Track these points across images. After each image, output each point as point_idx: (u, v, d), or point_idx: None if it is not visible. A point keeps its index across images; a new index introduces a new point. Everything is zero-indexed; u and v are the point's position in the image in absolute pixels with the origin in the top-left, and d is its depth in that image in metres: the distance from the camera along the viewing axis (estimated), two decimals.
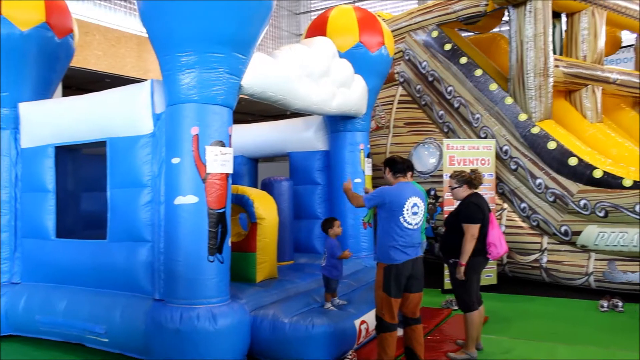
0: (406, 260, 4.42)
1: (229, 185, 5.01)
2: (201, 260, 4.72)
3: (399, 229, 4.41)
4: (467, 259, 4.96)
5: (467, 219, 5.03)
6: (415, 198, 4.51)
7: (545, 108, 8.45)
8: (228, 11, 4.67)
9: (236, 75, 5.00)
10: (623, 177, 7.32)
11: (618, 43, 11.43)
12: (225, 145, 4.92)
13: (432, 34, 9.73)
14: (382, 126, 10.26)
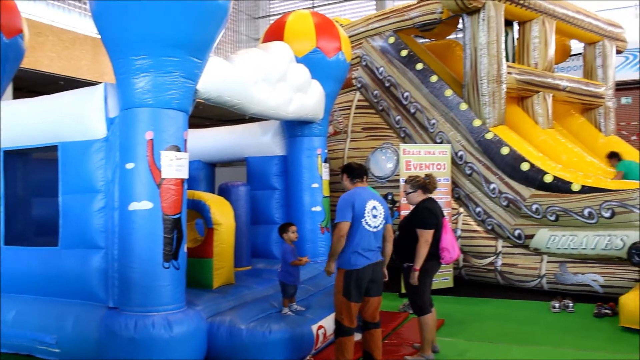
0: (367, 265, 4.45)
1: (185, 191, 4.95)
2: (156, 267, 4.65)
3: (361, 233, 4.43)
4: (421, 264, 5.00)
5: (421, 224, 5.08)
6: (374, 201, 4.57)
7: (498, 114, 8.63)
8: (183, 14, 4.61)
9: (192, 80, 4.95)
10: (572, 182, 7.53)
11: (567, 51, 11.77)
12: (181, 150, 4.87)
13: (389, 40, 9.84)
14: (340, 131, 10.31)
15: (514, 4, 8.87)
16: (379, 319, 4.70)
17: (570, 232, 7.47)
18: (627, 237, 6.93)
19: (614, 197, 7.13)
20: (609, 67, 11.13)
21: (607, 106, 11.09)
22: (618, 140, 10.99)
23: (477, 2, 8.35)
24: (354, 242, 4.43)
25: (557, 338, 5.91)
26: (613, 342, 5.75)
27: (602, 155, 10.21)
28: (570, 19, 10.04)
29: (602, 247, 7.17)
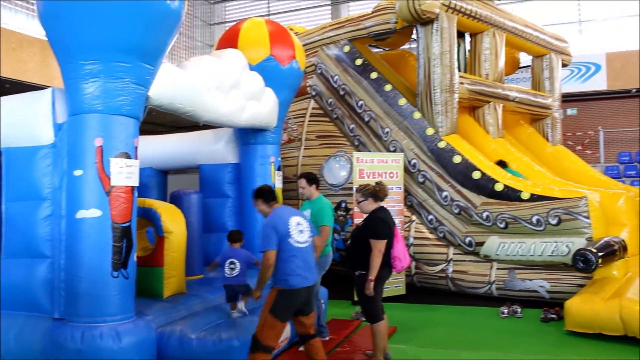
0: (303, 287, 4.41)
1: (135, 198, 4.87)
2: (105, 276, 4.55)
3: (293, 253, 4.40)
4: (375, 274, 5.02)
5: (375, 234, 5.10)
6: (296, 217, 4.57)
7: (451, 123, 8.77)
8: (134, 18, 4.54)
9: (143, 86, 4.87)
10: (521, 190, 7.71)
11: (517, 63, 12.07)
12: (131, 157, 4.78)
13: (344, 48, 9.90)
14: (294, 139, 10.30)
15: (466, 16, 9.04)
16: (315, 330, 4.72)
17: (519, 239, 7.63)
18: (573, 243, 7.12)
19: (560, 205, 7.33)
20: (556, 79, 11.47)
21: (554, 117, 11.42)
22: (564, 150, 11.32)
23: (430, 13, 8.49)
24: (290, 263, 4.39)
25: (506, 343, 6.04)
26: (558, 345, 5.92)
27: (550, 164, 10.52)
28: (519, 32, 10.31)
29: (548, 253, 7.35)
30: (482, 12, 9.33)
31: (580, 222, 7.17)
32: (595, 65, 17.37)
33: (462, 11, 8.92)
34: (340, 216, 9.04)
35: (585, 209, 7.19)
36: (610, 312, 5.84)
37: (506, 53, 10.26)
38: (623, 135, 17.74)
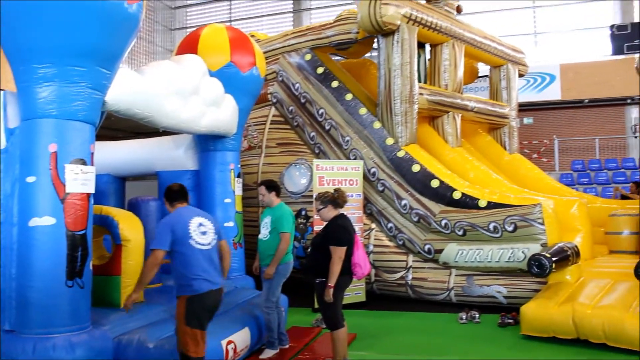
0: (211, 290, 4.29)
1: (91, 206, 4.76)
2: (58, 286, 4.43)
3: (194, 255, 4.27)
4: (335, 281, 5.02)
5: (336, 241, 5.11)
6: (199, 218, 4.44)
7: (410, 133, 8.87)
8: (91, 22, 4.45)
9: (99, 91, 4.79)
10: (479, 198, 7.84)
11: (475, 73, 12.30)
12: (87, 164, 4.69)
13: (306, 57, 9.93)
14: (255, 146, 10.27)
15: (426, 27, 9.18)
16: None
17: (476, 246, 7.74)
18: (528, 249, 7.26)
19: (516, 212, 7.47)
20: (512, 89, 11.73)
21: (511, 126, 11.67)
22: (521, 158, 11.57)
23: (391, 24, 8.59)
24: (193, 266, 4.26)
25: (464, 348, 6.12)
26: (515, 349, 6.03)
27: (507, 172, 10.72)
28: (478, 43, 10.51)
29: (505, 259, 7.48)
30: (442, 24, 9.49)
31: (535, 228, 7.33)
32: (550, 76, 17.85)
33: (422, 23, 9.06)
34: (301, 224, 9.04)
35: (539, 215, 7.35)
36: (563, 316, 5.98)
37: (465, 63, 10.44)
38: (577, 144, 18.25)
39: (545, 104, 18.10)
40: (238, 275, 7.35)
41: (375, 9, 8.49)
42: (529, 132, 18.39)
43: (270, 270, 5.75)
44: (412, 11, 8.84)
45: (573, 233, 8.17)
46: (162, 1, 24.27)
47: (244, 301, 6.50)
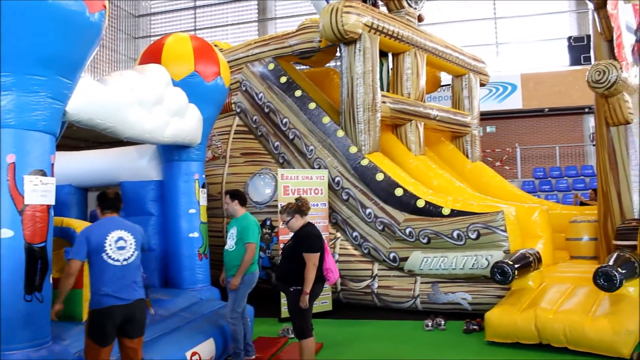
0: (115, 305, 4.17)
1: (51, 218, 4.65)
2: (17, 300, 4.28)
3: (104, 270, 4.17)
4: (310, 287, 5.07)
5: (309, 248, 5.15)
6: (120, 231, 4.33)
7: (373, 141, 8.91)
8: (51, 30, 4.36)
9: (60, 100, 4.69)
10: (442, 206, 7.91)
11: (438, 82, 12.47)
12: (47, 175, 4.58)
13: (269, 66, 9.93)
14: (219, 156, 10.20)
15: (388, 36, 9.25)
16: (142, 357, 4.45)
17: (441, 253, 7.80)
18: (492, 256, 7.35)
19: (479, 220, 7.56)
20: (474, 98, 11.91)
21: (473, 134, 11.83)
22: (483, 166, 11.74)
23: (353, 33, 8.63)
24: (98, 281, 4.17)
25: (430, 355, 6.16)
26: (479, 355, 6.10)
27: (470, 179, 10.86)
28: (440, 52, 10.65)
29: (469, 266, 7.55)
30: (404, 33, 9.58)
31: (498, 235, 7.42)
32: (512, 85, 18.19)
33: (384, 32, 9.13)
34: (266, 234, 9.00)
35: (502, 222, 7.45)
36: (526, 321, 6.07)
37: (427, 72, 10.56)
38: (538, 152, 18.61)
39: (507, 112, 18.44)
40: (203, 287, 7.28)
41: (337, 18, 8.52)
42: (492, 141, 18.71)
43: (235, 281, 5.71)
44: (373, 20, 8.90)
45: (535, 239, 8.31)
46: (125, 9, 24.04)
47: (209, 312, 6.43)
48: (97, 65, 21.49)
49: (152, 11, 24.97)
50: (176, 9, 24.59)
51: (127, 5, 24.18)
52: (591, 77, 7.17)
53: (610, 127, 7.72)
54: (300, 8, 22.35)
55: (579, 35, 18.94)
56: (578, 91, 16.98)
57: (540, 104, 18.17)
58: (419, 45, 10.02)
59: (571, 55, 18.56)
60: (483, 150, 15.28)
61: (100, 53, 21.87)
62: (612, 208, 7.72)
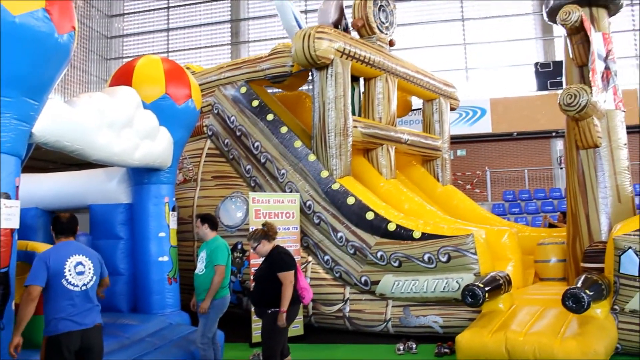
0: (74, 330, 4.09)
1: (14, 242, 4.56)
2: None
3: (62, 295, 4.09)
4: (287, 305, 5.10)
5: (284, 267, 5.20)
6: (79, 256, 4.27)
7: (345, 165, 8.95)
8: (18, 51, 4.33)
9: (26, 122, 4.64)
10: (413, 229, 7.94)
11: (409, 106, 12.61)
12: (11, 198, 4.50)
13: (241, 89, 9.94)
14: (190, 179, 10.14)
15: (360, 61, 9.34)
16: None
17: (412, 277, 7.81)
18: (462, 279, 7.38)
19: (450, 243, 7.60)
20: (445, 122, 12.06)
21: (444, 158, 11.97)
22: (453, 189, 11.86)
23: (325, 59, 8.70)
24: (56, 306, 4.08)
25: None
26: None
27: (441, 203, 10.95)
28: (411, 77, 10.78)
29: (440, 289, 7.57)
30: (375, 58, 9.69)
31: (468, 258, 7.47)
32: (481, 110, 18.51)
33: (356, 57, 9.22)
34: (237, 258, 8.93)
35: (472, 245, 7.50)
36: (497, 344, 6.09)
37: (399, 97, 10.67)
38: (508, 175, 18.90)
39: (477, 136, 18.74)
40: (173, 311, 7.19)
41: (309, 43, 8.59)
42: (463, 164, 18.96)
43: (205, 304, 5.66)
44: (345, 45, 8.99)
45: (504, 262, 8.38)
46: (98, 30, 23.93)
47: (178, 337, 6.35)
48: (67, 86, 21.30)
49: (124, 33, 24.91)
50: (149, 31, 24.56)
51: (99, 26, 24.09)
52: (563, 100, 7.30)
53: (580, 150, 7.89)
54: (274, 32, 22.53)
55: (545, 62, 19.41)
56: (545, 116, 17.36)
57: (509, 128, 18.51)
58: (390, 70, 10.14)
59: (538, 81, 19.00)
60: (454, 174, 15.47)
61: (71, 74, 21.69)
62: (580, 230, 7.86)
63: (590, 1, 8.08)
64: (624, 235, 6.29)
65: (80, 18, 22.40)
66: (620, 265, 6.26)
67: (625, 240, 6.24)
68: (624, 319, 6.27)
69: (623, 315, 6.28)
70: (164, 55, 22.88)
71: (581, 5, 7.82)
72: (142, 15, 24.82)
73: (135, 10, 25.02)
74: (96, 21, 23.93)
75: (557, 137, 18.34)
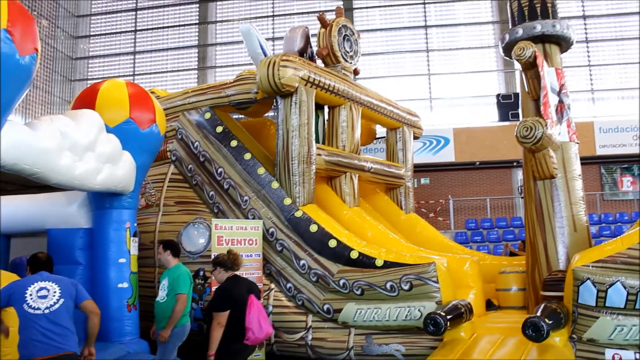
0: (44, 357, 4.06)
1: None
2: None
3: (26, 319, 4.11)
4: (215, 349, 4.88)
5: (214, 307, 5.02)
6: (44, 282, 4.31)
7: (308, 193, 8.95)
8: None
9: None
10: (376, 257, 7.95)
11: (373, 134, 12.71)
12: None
13: (205, 115, 9.92)
14: (152, 204, 10.01)
15: (324, 90, 9.40)
16: None
17: (374, 305, 7.80)
18: (424, 307, 7.39)
19: (412, 271, 7.62)
20: (408, 150, 12.18)
21: (407, 186, 12.05)
22: (416, 217, 11.93)
23: (289, 87, 8.74)
24: (24, 331, 4.12)
25: None
26: None
27: (404, 231, 11.01)
28: (374, 106, 10.90)
29: (402, 318, 7.56)
30: (340, 87, 9.78)
31: (430, 286, 7.49)
32: (445, 139, 18.82)
33: (320, 85, 9.30)
34: (199, 285, 8.81)
35: (434, 274, 7.54)
36: None
37: (363, 125, 10.77)
38: (470, 204, 19.16)
39: (440, 165, 19.00)
40: (132, 339, 7.05)
41: (274, 71, 8.64)
42: (426, 192, 19.17)
43: (165, 333, 5.57)
44: (310, 74, 9.06)
45: (466, 290, 8.43)
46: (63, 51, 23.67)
47: None
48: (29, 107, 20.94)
49: (90, 54, 24.68)
50: (115, 54, 24.39)
51: (65, 47, 23.84)
52: (519, 133, 7.47)
53: (537, 181, 8.06)
54: (241, 58, 22.60)
55: (506, 93, 19.92)
56: (507, 146, 17.71)
57: (472, 158, 18.84)
58: (355, 98, 10.24)
59: (500, 112, 19.46)
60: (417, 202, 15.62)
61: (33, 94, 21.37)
62: (539, 259, 7.99)
63: (543, 38, 8.35)
64: (583, 267, 6.41)
65: (45, 38, 22.15)
66: (579, 296, 6.37)
67: (583, 272, 6.36)
68: (582, 347, 6.35)
69: (581, 343, 6.37)
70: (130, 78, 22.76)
71: (534, 42, 8.07)
72: (109, 37, 24.68)
73: (101, 32, 24.86)
74: (61, 42, 23.68)
75: (518, 166, 18.71)
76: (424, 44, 22.19)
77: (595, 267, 6.33)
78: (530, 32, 8.29)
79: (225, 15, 23.89)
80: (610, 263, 6.30)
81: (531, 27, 8.29)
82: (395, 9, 22.61)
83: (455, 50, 22.02)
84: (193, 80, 23.26)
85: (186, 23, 23.88)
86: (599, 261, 6.38)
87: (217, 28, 23.98)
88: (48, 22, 22.91)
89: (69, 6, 24.15)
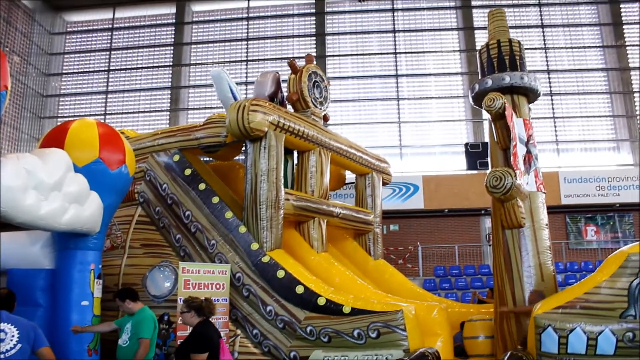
0: None
1: None
2: None
3: None
4: None
5: (194, 348, 4.99)
6: (2, 324, 4.27)
7: (275, 238, 8.91)
8: None
9: None
10: (343, 304, 7.90)
11: (343, 180, 12.80)
12: None
13: (174, 157, 9.88)
14: (118, 246, 9.83)
15: (293, 135, 9.48)
16: None
17: (342, 352, 7.70)
18: (392, 355, 7.33)
19: (379, 319, 7.58)
20: (377, 196, 12.27)
21: (376, 232, 12.10)
22: (385, 264, 11.94)
23: (259, 131, 8.78)
24: None
25: None
26: None
27: (372, 277, 11.00)
28: (344, 152, 11.01)
29: None
30: (309, 132, 9.86)
31: (398, 334, 7.45)
32: (414, 186, 19.02)
33: (290, 130, 9.36)
34: (163, 330, 8.60)
35: (401, 322, 7.51)
36: None
37: (332, 170, 10.83)
38: (439, 251, 19.25)
39: (409, 212, 19.14)
40: None
41: (244, 115, 8.67)
42: (395, 239, 19.23)
43: None
44: (279, 119, 9.13)
45: (434, 337, 8.40)
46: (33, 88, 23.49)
47: None
48: None
49: (61, 92, 24.54)
50: (87, 92, 24.29)
51: (35, 84, 23.67)
52: (489, 183, 7.59)
53: (505, 230, 8.16)
54: (214, 101, 22.70)
55: (475, 142, 20.32)
56: (475, 194, 17.98)
57: (441, 205, 19.03)
58: (324, 144, 10.33)
59: (468, 160, 19.79)
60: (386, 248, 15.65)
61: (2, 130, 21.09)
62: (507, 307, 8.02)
63: (512, 89, 8.60)
64: (544, 313, 6.47)
65: (16, 75, 22.00)
66: (541, 344, 6.40)
67: (544, 318, 6.41)
68: None
69: None
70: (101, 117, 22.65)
71: (503, 93, 8.30)
72: (81, 76, 24.61)
73: (74, 71, 24.79)
74: (32, 79, 23.53)
75: (486, 214, 18.96)
76: (395, 92, 22.63)
77: (555, 313, 6.38)
78: (499, 83, 8.53)
79: (200, 58, 24.09)
80: (569, 309, 6.38)
81: (500, 79, 8.55)
82: (367, 57, 23.11)
83: (425, 99, 22.49)
84: (165, 121, 23.23)
85: (160, 65, 23.98)
86: (559, 307, 6.45)
87: (190, 71, 24.12)
88: (20, 58, 22.80)
89: (42, 43, 24.11)
